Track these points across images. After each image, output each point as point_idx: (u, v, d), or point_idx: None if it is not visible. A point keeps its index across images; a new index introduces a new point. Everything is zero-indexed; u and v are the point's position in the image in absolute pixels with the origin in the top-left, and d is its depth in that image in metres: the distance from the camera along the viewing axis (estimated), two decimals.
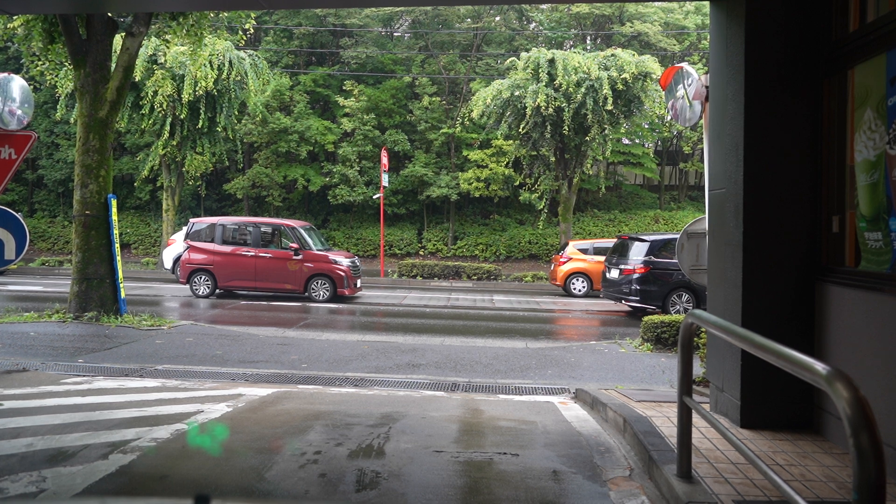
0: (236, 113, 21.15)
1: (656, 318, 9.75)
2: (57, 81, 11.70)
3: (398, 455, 4.00)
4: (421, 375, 7.44)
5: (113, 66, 10.70)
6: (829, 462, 3.78)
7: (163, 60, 18.53)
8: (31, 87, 16.94)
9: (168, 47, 12.84)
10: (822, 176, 4.36)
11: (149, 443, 4.14)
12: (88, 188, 10.51)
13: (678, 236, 6.70)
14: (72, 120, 17.15)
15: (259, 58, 21.09)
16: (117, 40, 12.82)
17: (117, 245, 10.73)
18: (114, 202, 10.69)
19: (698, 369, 7.23)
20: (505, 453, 4.08)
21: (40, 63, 11.15)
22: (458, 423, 4.92)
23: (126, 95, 11.21)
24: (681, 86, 6.43)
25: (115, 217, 10.68)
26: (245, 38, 13.96)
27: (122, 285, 10.79)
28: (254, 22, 12.13)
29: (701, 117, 6.20)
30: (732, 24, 4.65)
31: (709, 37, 5.25)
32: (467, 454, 4.06)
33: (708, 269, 5.19)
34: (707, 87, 5.99)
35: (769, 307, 4.42)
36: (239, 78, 19.80)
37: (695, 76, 6.06)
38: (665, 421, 4.54)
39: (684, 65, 6.33)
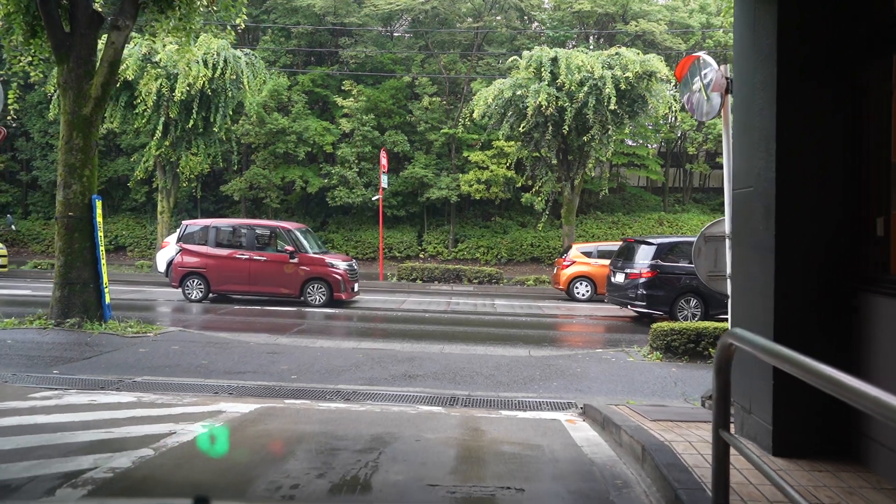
0: (231, 113, 20.67)
1: (666, 325, 9.28)
2: (37, 76, 11.20)
3: (387, 489, 3.53)
4: (418, 388, 6.97)
5: (98, 61, 10.26)
6: (878, 499, 3.31)
7: (157, 59, 18.10)
8: (22, 84, 16.37)
9: (154, 41, 12.35)
10: (865, 172, 3.89)
11: (105, 473, 3.66)
12: (72, 189, 10.04)
13: (686, 239, 6.24)
14: (52, 117, 16.62)
15: (256, 57, 20.63)
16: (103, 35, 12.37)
17: (102, 248, 10.27)
18: (99, 203, 10.23)
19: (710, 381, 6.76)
20: (508, 487, 3.59)
21: (23, 58, 10.69)
22: (457, 447, 4.44)
23: (111, 92, 10.75)
24: (697, 78, 5.96)
25: (99, 219, 10.22)
26: (234, 33, 13.48)
27: (106, 290, 10.31)
28: (245, 17, 11.64)
29: (720, 111, 5.73)
30: (761, 4, 4.19)
31: (733, 21, 4.79)
32: (465, 489, 3.57)
33: (732, 277, 4.73)
34: (727, 77, 5.53)
35: (805, 319, 3.95)
36: (234, 77, 19.33)
37: (713, 66, 5.60)
38: (687, 447, 4.07)
39: (702, 54, 5.86)
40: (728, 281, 5.57)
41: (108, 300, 10.32)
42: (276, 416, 5.35)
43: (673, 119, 24.94)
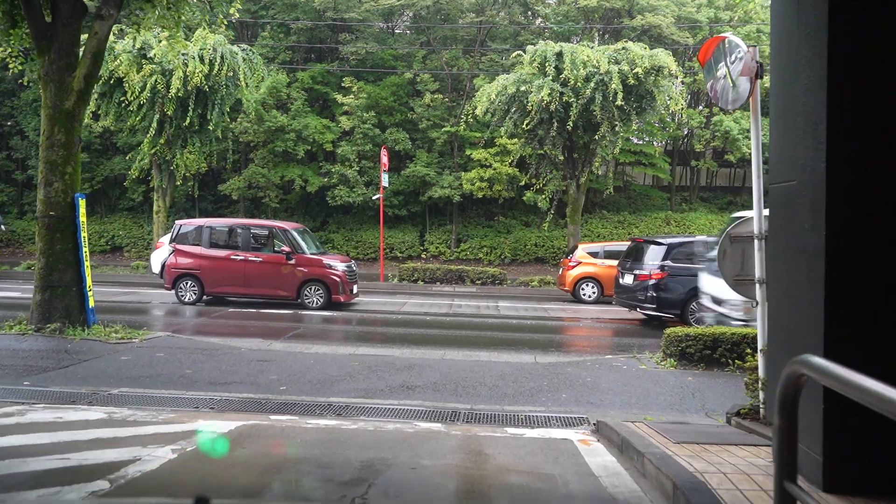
0: (228, 110, 20.14)
1: (680, 330, 8.75)
2: (16, 68, 10.69)
3: None
4: (416, 401, 6.44)
5: (81, 53, 9.75)
6: None
7: (152, 54, 17.61)
8: (16, 81, 15.74)
9: (138, 32, 11.80)
10: None
11: None
12: (53, 187, 9.53)
13: (697, 239, 5.70)
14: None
15: (253, 53, 20.11)
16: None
17: (86, 249, 9.75)
18: (82, 202, 9.72)
19: (741, 396, 6.20)
20: None
21: (1, 49, 10.18)
22: (457, 478, 3.91)
23: (94, 84, 10.22)
24: (722, 63, 5.42)
25: (83, 219, 9.70)
26: (226, 23, 12.92)
27: (90, 293, 9.80)
28: (239, 5, 11.11)
29: (748, 98, 5.19)
30: None
31: None
32: None
33: (767, 282, 4.18)
34: (758, 61, 5.00)
35: (863, 333, 3.41)
36: (231, 74, 18.81)
37: (743, 48, 5.05)
38: (722, 480, 3.53)
39: (729, 35, 5.32)
40: (758, 286, 5.04)
41: (91, 304, 9.81)
42: (258, 437, 4.83)
43: (679, 116, 24.33)
